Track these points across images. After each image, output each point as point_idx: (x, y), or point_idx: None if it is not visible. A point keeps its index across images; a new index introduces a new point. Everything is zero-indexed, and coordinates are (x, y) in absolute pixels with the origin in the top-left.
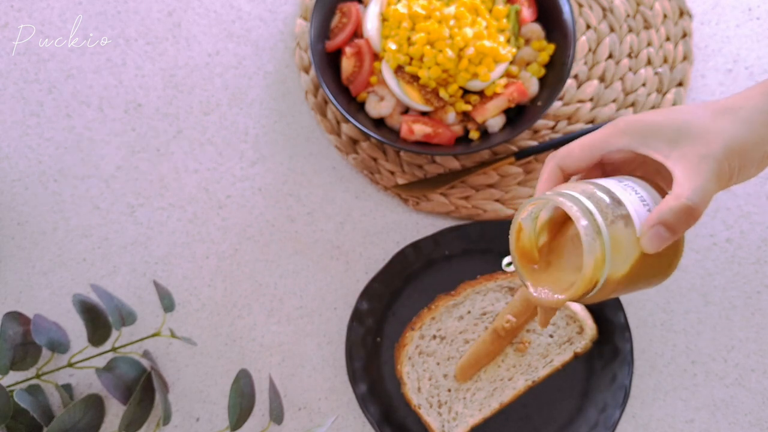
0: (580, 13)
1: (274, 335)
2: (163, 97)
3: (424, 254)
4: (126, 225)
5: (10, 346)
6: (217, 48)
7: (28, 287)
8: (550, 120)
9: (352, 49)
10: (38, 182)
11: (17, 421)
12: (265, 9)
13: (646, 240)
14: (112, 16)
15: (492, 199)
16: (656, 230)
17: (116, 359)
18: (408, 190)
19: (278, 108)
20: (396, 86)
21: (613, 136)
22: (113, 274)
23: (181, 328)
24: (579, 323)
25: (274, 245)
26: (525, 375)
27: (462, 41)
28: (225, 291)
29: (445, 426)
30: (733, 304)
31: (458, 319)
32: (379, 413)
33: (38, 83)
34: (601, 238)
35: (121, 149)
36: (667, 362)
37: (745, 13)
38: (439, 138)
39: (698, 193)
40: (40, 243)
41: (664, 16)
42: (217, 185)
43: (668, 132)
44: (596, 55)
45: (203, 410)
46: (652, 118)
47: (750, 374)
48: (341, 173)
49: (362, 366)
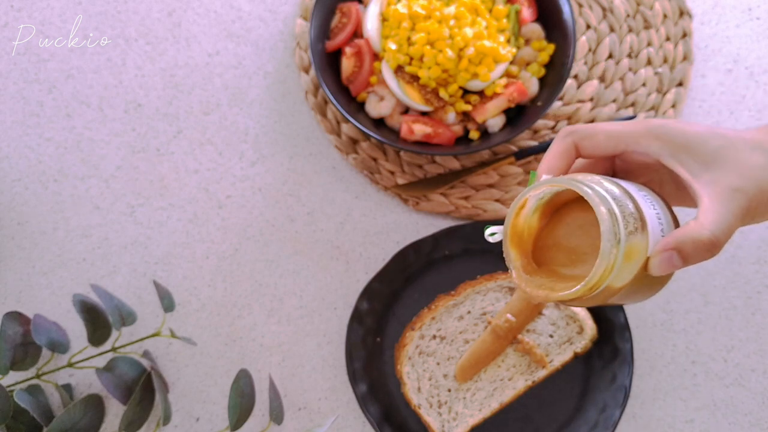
0: (580, 13)
1: (274, 335)
2: (163, 97)
3: (424, 254)
4: (126, 225)
5: (10, 346)
6: (217, 48)
7: (28, 287)
8: (550, 120)
9: (352, 49)
10: (38, 182)
11: (17, 421)
12: (265, 9)
13: (656, 262)
14: (112, 16)
15: (492, 199)
16: (669, 255)
17: (116, 359)
18: (408, 190)
19: (278, 108)
20: (396, 86)
21: (644, 137)
22: (113, 274)
23: (181, 328)
24: (579, 323)
25: (274, 245)
26: (525, 375)
27: (462, 41)
28: (225, 291)
29: (445, 426)
30: (733, 304)
31: (458, 319)
32: (379, 413)
33: (38, 83)
34: (619, 246)
35: (121, 149)
36: (667, 362)
37: (745, 13)
38: (439, 138)
39: (723, 228)
40: (40, 243)
41: (664, 16)
42: (217, 185)
43: (704, 152)
44: (596, 55)
45: (203, 410)
46: (691, 130)
47: (750, 374)
48: (341, 173)
49: (362, 366)
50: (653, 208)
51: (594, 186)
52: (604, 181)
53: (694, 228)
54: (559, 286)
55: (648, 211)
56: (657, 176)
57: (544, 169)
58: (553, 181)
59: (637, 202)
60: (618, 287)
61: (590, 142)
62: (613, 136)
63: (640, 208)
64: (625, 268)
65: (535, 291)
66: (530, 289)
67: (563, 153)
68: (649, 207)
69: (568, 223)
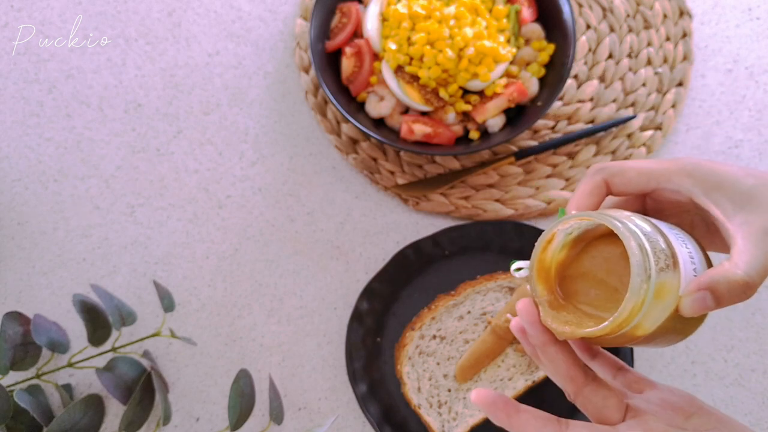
0: (580, 13)
1: (274, 335)
2: (163, 97)
3: (424, 254)
4: (126, 225)
5: (10, 346)
6: (217, 48)
7: (28, 287)
8: (550, 120)
9: (352, 49)
10: (38, 182)
11: (17, 421)
12: (265, 9)
13: (688, 302)
14: (112, 16)
15: (492, 199)
16: (702, 295)
17: (116, 359)
18: (408, 190)
19: (278, 108)
20: (396, 86)
21: (676, 174)
22: (113, 274)
23: (181, 328)
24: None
25: (274, 245)
26: (525, 375)
27: (462, 41)
28: (225, 291)
29: (445, 426)
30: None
31: (458, 319)
32: (379, 413)
33: (38, 83)
34: (649, 282)
35: (121, 149)
36: (667, 362)
37: (745, 13)
38: (439, 138)
39: (758, 269)
40: (40, 243)
41: (664, 16)
42: (217, 185)
43: (738, 191)
44: (596, 55)
45: (203, 410)
46: (724, 170)
47: (750, 374)
48: (341, 173)
49: (362, 366)
50: (685, 246)
51: (624, 221)
52: (635, 217)
53: (729, 268)
54: (585, 323)
55: (680, 249)
56: (688, 218)
57: (574, 206)
58: (582, 215)
59: (668, 238)
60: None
61: (621, 179)
62: (645, 173)
63: (671, 245)
64: (655, 306)
65: (561, 327)
66: (556, 325)
67: (593, 190)
68: (681, 245)
69: (596, 258)
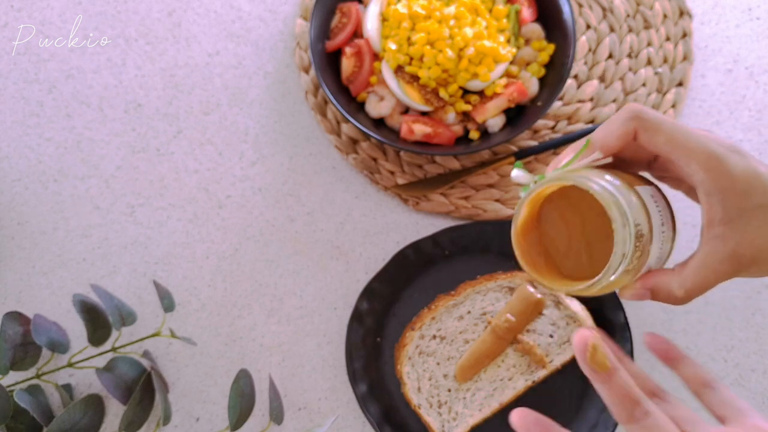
0: (580, 13)
1: (274, 335)
2: (163, 97)
3: (424, 254)
4: (126, 225)
5: (10, 346)
6: (217, 48)
7: (28, 287)
8: (550, 120)
9: (352, 49)
10: (38, 182)
11: (17, 421)
12: (265, 9)
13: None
14: (112, 16)
15: (492, 199)
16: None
17: (116, 359)
18: (408, 190)
19: (278, 108)
20: (396, 86)
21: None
22: (113, 274)
23: (181, 328)
24: (579, 323)
25: (274, 245)
26: (525, 375)
27: (462, 41)
28: (225, 291)
29: (445, 426)
30: (733, 304)
31: (458, 319)
32: (379, 413)
33: (38, 83)
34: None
35: (121, 149)
36: None
37: (745, 13)
38: (439, 138)
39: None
40: (40, 243)
41: (664, 16)
42: (217, 185)
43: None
44: (596, 55)
45: (203, 410)
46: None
47: (750, 374)
48: (341, 173)
49: (362, 366)
50: (659, 212)
51: (601, 183)
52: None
53: (673, 281)
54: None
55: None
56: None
57: (599, 145)
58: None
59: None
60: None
61: (648, 138)
62: (671, 142)
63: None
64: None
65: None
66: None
67: (622, 136)
68: (656, 214)
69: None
